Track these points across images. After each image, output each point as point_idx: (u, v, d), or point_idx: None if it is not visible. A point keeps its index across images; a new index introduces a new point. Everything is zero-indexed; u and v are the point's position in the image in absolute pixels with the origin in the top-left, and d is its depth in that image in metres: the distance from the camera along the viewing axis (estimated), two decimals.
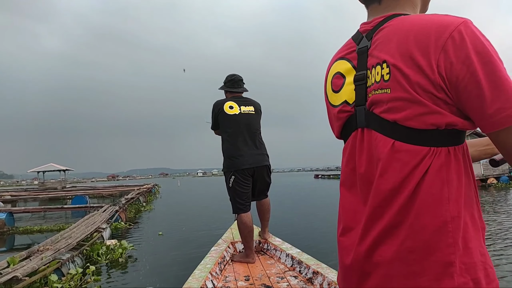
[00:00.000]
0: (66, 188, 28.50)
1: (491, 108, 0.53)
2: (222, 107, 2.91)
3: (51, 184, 30.82)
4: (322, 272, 2.23)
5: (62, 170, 33.50)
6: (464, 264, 0.55)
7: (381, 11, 0.70)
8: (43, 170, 32.10)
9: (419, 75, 0.57)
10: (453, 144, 0.59)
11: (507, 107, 0.52)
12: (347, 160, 0.73)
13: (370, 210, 0.63)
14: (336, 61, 0.77)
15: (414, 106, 0.58)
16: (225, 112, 2.89)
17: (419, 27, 0.59)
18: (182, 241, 7.33)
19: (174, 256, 6.01)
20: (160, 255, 6.15)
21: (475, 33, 0.55)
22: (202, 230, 8.49)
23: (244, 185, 2.81)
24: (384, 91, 0.62)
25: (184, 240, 7.48)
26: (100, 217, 8.16)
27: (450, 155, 0.58)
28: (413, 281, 0.57)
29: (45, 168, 32.06)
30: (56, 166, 32.67)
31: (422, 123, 0.58)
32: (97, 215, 8.44)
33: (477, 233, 0.59)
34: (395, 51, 0.60)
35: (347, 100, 0.72)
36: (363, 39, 0.70)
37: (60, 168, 33.09)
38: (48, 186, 29.13)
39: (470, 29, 0.55)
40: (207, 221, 9.82)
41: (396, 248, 0.58)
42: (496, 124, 0.53)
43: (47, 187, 28.82)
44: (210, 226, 8.92)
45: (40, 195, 18.41)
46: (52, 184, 30.51)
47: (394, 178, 0.60)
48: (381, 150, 0.62)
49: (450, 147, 0.59)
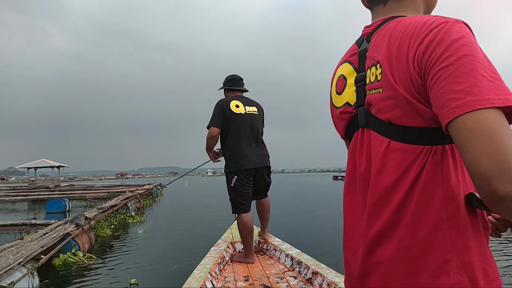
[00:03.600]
0: (60, 186, 26.96)
1: (444, 99, 0.52)
2: (229, 105, 2.93)
3: (42, 182, 27.95)
4: (321, 272, 2.29)
5: (56, 167, 29.94)
6: (461, 262, 0.56)
7: (384, 14, 0.74)
8: (34, 166, 28.95)
9: (403, 73, 0.59)
10: (449, 142, 0.59)
11: (456, 97, 0.51)
12: (348, 160, 0.76)
13: (368, 209, 0.66)
14: (341, 64, 0.82)
15: (403, 104, 0.60)
16: (231, 110, 2.91)
17: (406, 27, 0.61)
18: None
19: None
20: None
21: (457, 30, 0.55)
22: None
23: (246, 186, 2.87)
24: (377, 91, 0.65)
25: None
26: (27, 248, 4.59)
27: (446, 152, 0.59)
28: (412, 279, 0.58)
29: (36, 164, 28.89)
30: (48, 162, 29.33)
31: (413, 121, 0.60)
32: (27, 243, 4.92)
33: (477, 231, 0.59)
34: (385, 51, 0.64)
35: (348, 101, 0.76)
36: (364, 41, 0.74)
37: (53, 164, 29.55)
38: (39, 185, 26.65)
39: (451, 27, 0.56)
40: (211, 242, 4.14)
41: (395, 247, 0.60)
42: (446, 115, 0.52)
43: (38, 185, 26.50)
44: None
45: (30, 195, 17.31)
46: (43, 182, 27.76)
47: (389, 176, 0.62)
48: (378, 149, 0.65)
49: (446, 144, 0.60)
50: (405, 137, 0.61)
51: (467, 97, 0.50)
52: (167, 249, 6.50)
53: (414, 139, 0.60)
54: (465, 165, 0.51)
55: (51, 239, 5.29)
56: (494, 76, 0.51)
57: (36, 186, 26.14)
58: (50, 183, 27.35)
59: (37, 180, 28.53)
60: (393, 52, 0.62)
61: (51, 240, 5.27)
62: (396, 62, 0.61)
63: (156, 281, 4.57)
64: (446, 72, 0.52)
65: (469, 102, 0.49)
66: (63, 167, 31.93)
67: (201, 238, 7.30)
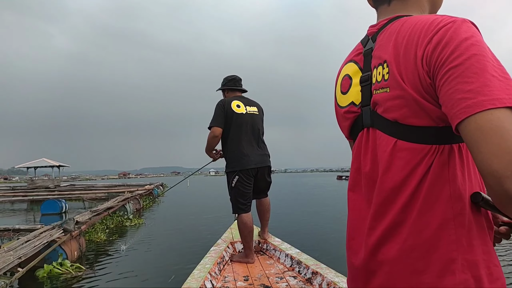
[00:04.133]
0: (60, 187, 26.48)
1: (454, 99, 0.53)
2: (230, 106, 2.95)
3: (42, 182, 27.38)
4: (321, 272, 2.31)
5: (56, 166, 29.95)
6: (466, 261, 0.57)
7: (389, 13, 0.75)
8: (33, 165, 29.03)
9: (411, 73, 0.60)
10: (456, 141, 0.60)
11: (467, 97, 0.51)
12: (353, 160, 0.76)
13: (374, 209, 0.66)
14: (346, 64, 0.82)
15: (411, 104, 0.60)
16: (233, 110, 2.93)
17: (414, 26, 0.61)
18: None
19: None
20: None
21: (465, 29, 0.55)
22: None
23: (247, 185, 2.90)
24: (384, 90, 0.65)
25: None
26: (1, 260, 4.06)
27: (453, 152, 0.60)
28: (417, 278, 0.59)
29: (35, 164, 28.95)
30: (48, 162, 29.42)
31: (420, 120, 0.60)
32: (2, 253, 4.34)
33: (482, 231, 0.59)
34: (392, 50, 0.64)
35: (353, 101, 0.76)
36: (369, 41, 0.75)
37: (53, 164, 29.63)
38: (38, 185, 26.20)
39: (459, 27, 0.56)
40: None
41: (400, 246, 0.61)
42: (457, 115, 0.52)
43: (37, 185, 26.07)
44: None
45: (28, 196, 16.93)
46: (42, 182, 27.21)
47: (396, 176, 0.62)
48: (384, 149, 0.65)
49: (453, 144, 0.60)
50: (412, 137, 0.61)
51: (478, 97, 0.50)
52: (164, 255, 6.03)
53: (421, 138, 0.61)
54: (476, 165, 0.51)
55: (32, 248, 4.66)
56: (503, 75, 0.51)
57: (35, 186, 25.77)
58: (50, 183, 27.01)
59: (37, 180, 28.02)
60: (401, 52, 0.62)
61: (33, 249, 4.66)
62: (404, 61, 0.61)
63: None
64: (456, 72, 0.53)
65: (480, 102, 0.49)
66: (63, 167, 31.53)
67: (200, 241, 6.91)
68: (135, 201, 12.88)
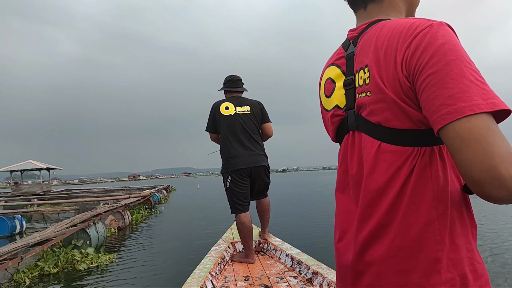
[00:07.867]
0: (50, 192, 24.66)
1: (435, 105, 0.56)
2: (218, 109, 3.15)
3: (28, 187, 24.82)
4: (321, 272, 2.36)
5: (44, 169, 27.11)
6: (451, 260, 0.60)
7: (366, 17, 0.78)
8: (19, 169, 26.55)
9: (391, 77, 0.63)
10: (437, 143, 0.63)
11: (447, 103, 0.54)
12: (340, 162, 0.79)
13: (360, 211, 0.69)
14: (327, 67, 0.85)
15: (392, 107, 0.63)
16: (220, 113, 3.13)
17: (392, 31, 0.64)
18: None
19: None
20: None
21: (442, 34, 0.58)
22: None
23: (241, 185, 3.02)
24: (366, 94, 0.68)
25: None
26: None
27: (435, 153, 0.63)
28: (404, 278, 0.62)
29: (20, 167, 26.48)
30: (35, 164, 26.62)
31: (402, 123, 0.63)
32: None
33: (465, 229, 0.63)
34: (372, 55, 0.67)
35: (338, 104, 0.79)
36: (350, 45, 0.77)
37: (40, 167, 26.64)
38: (24, 190, 23.92)
39: (437, 31, 0.59)
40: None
41: (387, 247, 0.64)
42: (438, 121, 0.55)
43: (23, 191, 23.70)
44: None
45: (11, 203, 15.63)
46: (29, 188, 24.57)
47: (380, 178, 0.65)
48: (369, 151, 0.68)
49: (435, 146, 0.63)
50: (395, 139, 0.65)
51: (458, 103, 0.53)
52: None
53: (403, 141, 0.64)
54: (458, 171, 0.56)
55: None
56: (480, 79, 0.55)
57: (21, 193, 23.33)
58: (38, 189, 24.50)
59: (23, 186, 25.18)
60: (381, 56, 0.65)
61: None
62: (384, 65, 0.64)
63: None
64: (436, 78, 0.56)
65: (460, 108, 0.52)
66: (53, 169, 29.03)
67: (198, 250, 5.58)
68: (116, 216, 9.72)
